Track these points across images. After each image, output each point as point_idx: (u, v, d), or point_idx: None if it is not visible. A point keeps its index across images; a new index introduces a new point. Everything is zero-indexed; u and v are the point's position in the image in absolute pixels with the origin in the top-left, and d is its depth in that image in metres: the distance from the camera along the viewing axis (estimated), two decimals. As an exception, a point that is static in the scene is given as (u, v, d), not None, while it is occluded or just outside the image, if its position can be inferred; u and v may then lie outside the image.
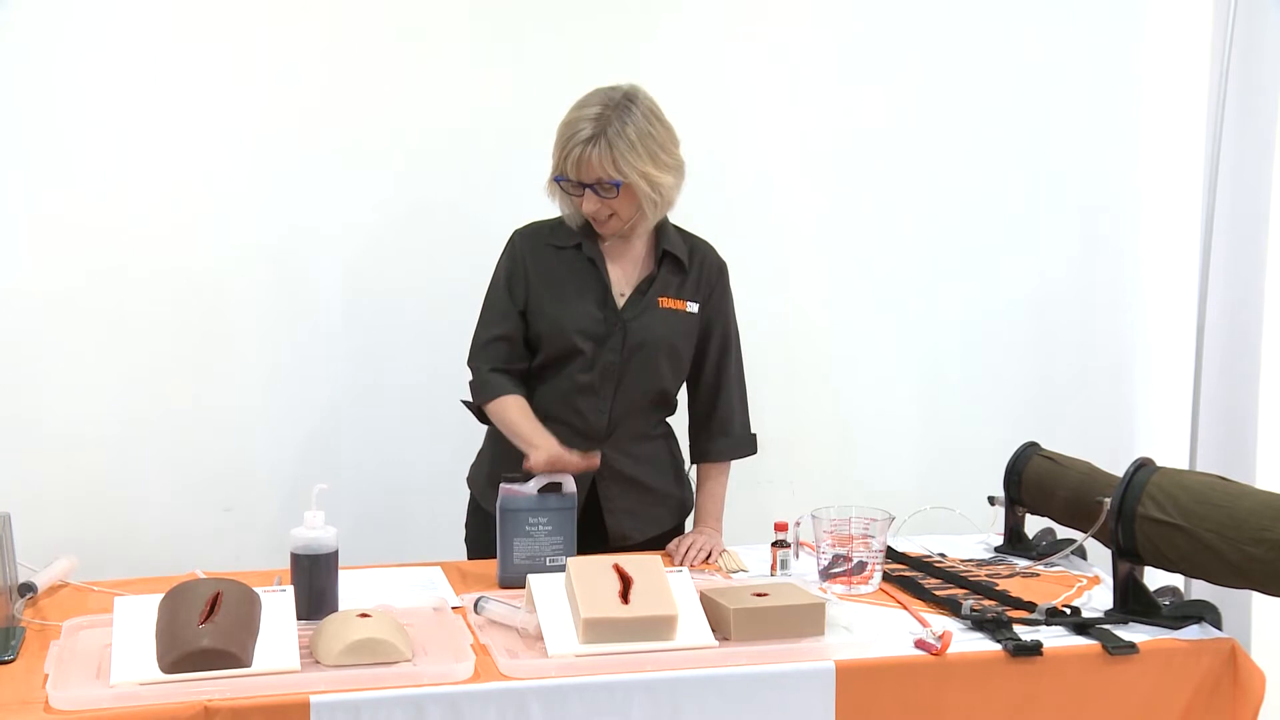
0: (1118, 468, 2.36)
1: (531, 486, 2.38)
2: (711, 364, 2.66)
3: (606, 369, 2.56)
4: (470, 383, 2.62)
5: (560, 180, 2.49)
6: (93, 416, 3.02)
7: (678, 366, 2.63)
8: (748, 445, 2.72)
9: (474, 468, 2.74)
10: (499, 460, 2.56)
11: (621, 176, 2.45)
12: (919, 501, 2.78)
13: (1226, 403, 3.41)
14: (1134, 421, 3.62)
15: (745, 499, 3.14)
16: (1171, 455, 3.43)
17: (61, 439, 3.00)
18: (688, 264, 2.62)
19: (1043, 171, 3.52)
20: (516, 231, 2.65)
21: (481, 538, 2.64)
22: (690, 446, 2.72)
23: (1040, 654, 2.08)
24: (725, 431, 2.69)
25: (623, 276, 2.60)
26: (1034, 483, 2.59)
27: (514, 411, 2.54)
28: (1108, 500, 2.27)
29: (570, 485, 2.40)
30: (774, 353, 3.30)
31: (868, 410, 3.48)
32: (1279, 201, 3.29)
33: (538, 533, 2.37)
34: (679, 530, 2.71)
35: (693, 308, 2.61)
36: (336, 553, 2.14)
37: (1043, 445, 2.65)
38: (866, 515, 2.36)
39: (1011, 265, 3.52)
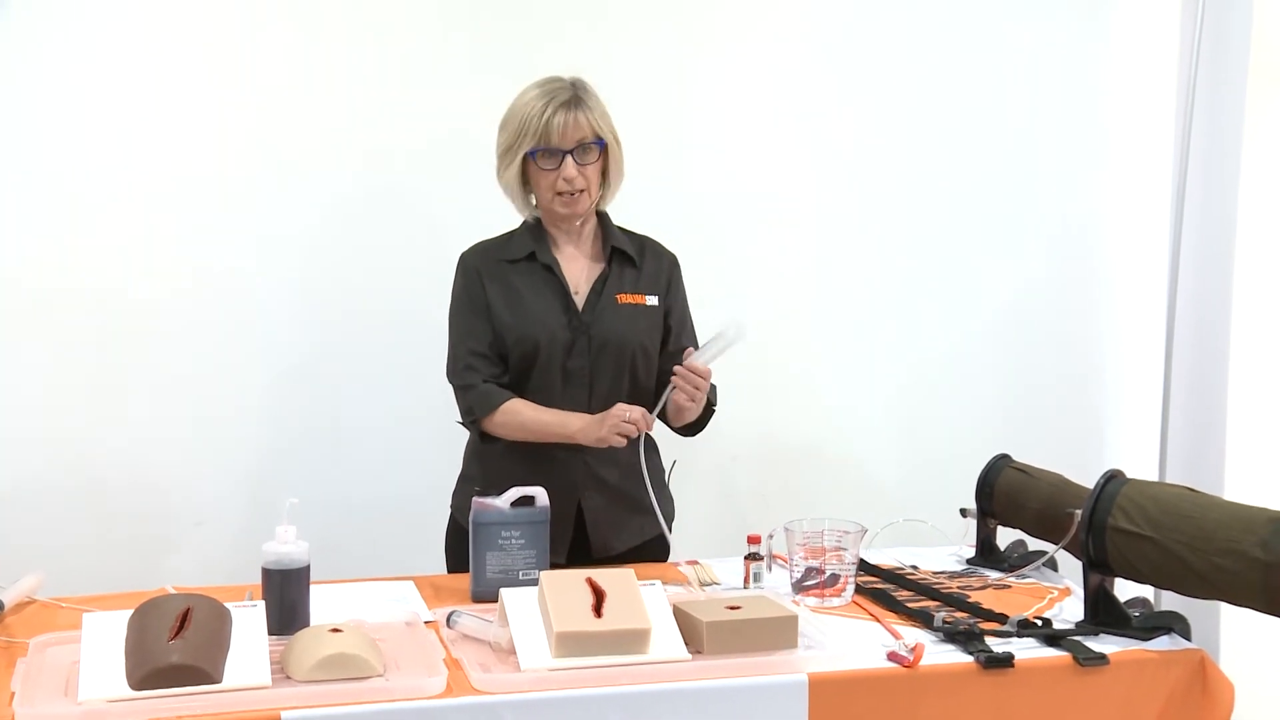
0: (1088, 478, 2.38)
1: (504, 500, 2.38)
2: (674, 336, 2.65)
3: (577, 375, 2.56)
4: (463, 400, 2.59)
5: (536, 153, 2.48)
6: (61, 430, 3.00)
7: (648, 362, 2.62)
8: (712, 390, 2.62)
9: (457, 494, 2.71)
10: (487, 482, 2.49)
11: (603, 136, 2.50)
12: (891, 514, 2.79)
13: (1195, 413, 3.43)
14: (1104, 432, 3.64)
15: (718, 511, 3.15)
16: (1141, 465, 3.45)
17: (29, 453, 2.98)
18: (638, 259, 2.64)
19: (1010, 184, 3.53)
20: (464, 253, 2.64)
21: (464, 559, 2.55)
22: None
23: (1012, 666, 2.08)
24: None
25: (577, 279, 2.61)
26: (1005, 495, 2.60)
27: (530, 410, 2.54)
28: (1078, 512, 2.29)
29: (543, 499, 2.39)
30: (746, 363, 3.29)
31: (840, 423, 3.49)
32: (1245, 213, 3.32)
33: (510, 546, 2.36)
34: (661, 540, 2.68)
35: (652, 300, 2.62)
36: (308, 567, 2.13)
37: (1014, 457, 2.67)
38: (839, 528, 2.37)
39: (981, 281, 3.54)
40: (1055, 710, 2.11)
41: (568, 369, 2.56)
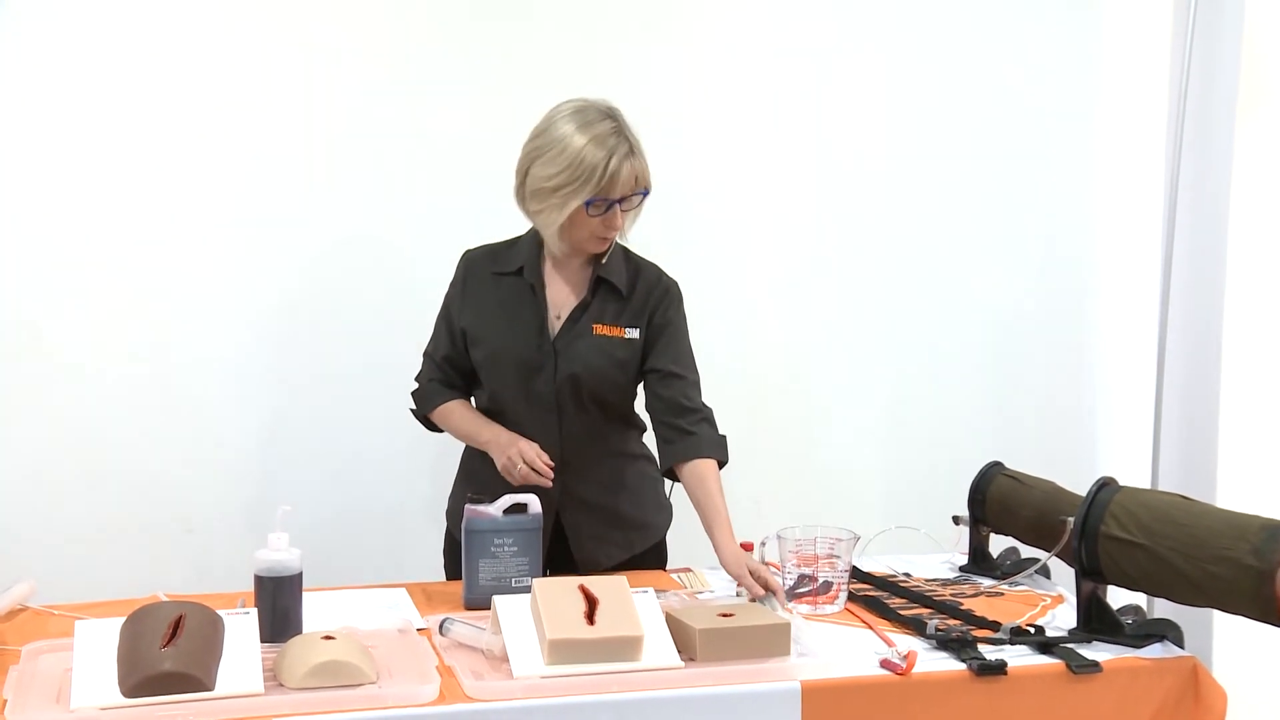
0: (1080, 485, 2.38)
1: (497, 508, 2.37)
2: (661, 359, 2.55)
3: (544, 399, 2.53)
4: (413, 393, 2.66)
5: (591, 203, 2.42)
6: (51, 437, 2.99)
7: (620, 395, 2.59)
8: (723, 446, 2.56)
9: (451, 501, 2.72)
10: (475, 491, 2.48)
11: (649, 186, 2.48)
12: (884, 521, 2.79)
13: (1187, 420, 3.44)
14: (1096, 439, 3.65)
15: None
16: (1133, 472, 3.45)
17: (20, 459, 2.97)
18: (627, 290, 2.56)
19: (1002, 191, 3.53)
20: (467, 253, 2.63)
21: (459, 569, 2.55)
22: (662, 455, 2.57)
23: (1005, 673, 2.09)
24: (700, 420, 2.55)
25: (560, 303, 2.56)
26: (998, 502, 2.60)
27: (459, 413, 2.60)
28: (1071, 519, 2.29)
29: (536, 506, 2.39)
30: (738, 372, 3.31)
31: (832, 430, 3.49)
32: (1236, 220, 3.33)
33: (503, 554, 2.36)
34: (654, 554, 2.67)
35: (632, 334, 2.55)
36: (300, 575, 2.13)
37: (1006, 464, 2.67)
38: (832, 535, 2.37)
39: (973, 288, 3.54)
40: (1048, 717, 2.11)
41: (534, 392, 2.53)
